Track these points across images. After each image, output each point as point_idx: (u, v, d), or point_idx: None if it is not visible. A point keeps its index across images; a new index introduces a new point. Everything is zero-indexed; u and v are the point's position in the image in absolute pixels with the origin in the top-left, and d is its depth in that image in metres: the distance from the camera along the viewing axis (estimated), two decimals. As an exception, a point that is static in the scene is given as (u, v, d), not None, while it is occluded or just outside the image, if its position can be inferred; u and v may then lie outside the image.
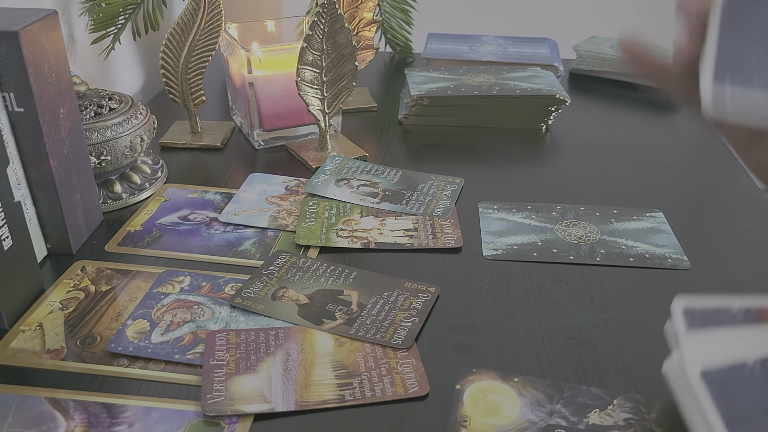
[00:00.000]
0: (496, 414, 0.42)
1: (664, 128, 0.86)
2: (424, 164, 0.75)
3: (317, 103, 0.72)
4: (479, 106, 0.84)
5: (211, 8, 0.72)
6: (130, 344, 0.48)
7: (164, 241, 0.60)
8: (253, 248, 0.59)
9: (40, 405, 0.43)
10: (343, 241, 0.60)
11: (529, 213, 0.65)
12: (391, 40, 1.07)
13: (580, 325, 0.51)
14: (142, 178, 0.68)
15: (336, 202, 0.66)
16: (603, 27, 1.68)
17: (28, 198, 0.55)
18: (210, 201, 0.67)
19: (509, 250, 0.59)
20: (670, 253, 0.59)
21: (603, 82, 1.01)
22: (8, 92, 0.50)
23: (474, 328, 0.50)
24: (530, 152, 0.78)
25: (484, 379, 0.45)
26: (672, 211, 0.66)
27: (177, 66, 0.75)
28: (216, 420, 0.42)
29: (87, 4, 0.79)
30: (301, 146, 0.77)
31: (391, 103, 0.92)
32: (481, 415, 0.42)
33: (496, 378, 0.45)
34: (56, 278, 0.55)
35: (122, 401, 0.43)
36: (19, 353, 0.47)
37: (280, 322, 0.50)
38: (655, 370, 0.46)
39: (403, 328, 0.49)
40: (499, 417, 0.42)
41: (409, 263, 0.58)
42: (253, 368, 0.46)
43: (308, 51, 0.68)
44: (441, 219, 0.64)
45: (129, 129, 0.64)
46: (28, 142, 0.52)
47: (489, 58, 0.99)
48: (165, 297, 0.53)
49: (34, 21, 0.50)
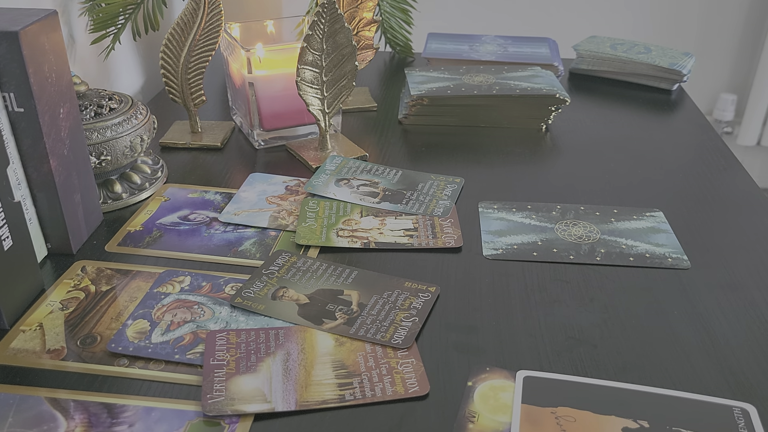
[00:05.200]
0: (506, 412, 0.42)
1: (664, 128, 0.86)
2: (424, 164, 0.75)
3: (317, 103, 0.72)
4: (479, 105, 0.84)
5: (211, 8, 0.72)
6: (131, 344, 0.48)
7: (164, 241, 0.60)
8: (253, 248, 0.59)
9: (40, 405, 0.43)
10: (343, 240, 0.60)
11: (529, 213, 0.65)
12: (391, 39, 1.07)
13: (580, 324, 0.51)
14: (142, 178, 0.68)
15: (336, 201, 0.66)
16: (603, 27, 1.68)
17: (28, 198, 0.55)
18: (210, 201, 0.67)
19: (509, 250, 0.59)
20: (670, 252, 0.59)
21: (603, 81, 1.01)
22: (8, 92, 0.50)
23: (474, 327, 0.50)
24: (530, 152, 0.78)
25: (497, 378, 0.45)
26: (672, 210, 0.66)
27: (177, 66, 0.75)
28: (216, 420, 0.42)
29: (87, 4, 0.79)
30: (301, 146, 0.77)
31: (391, 102, 0.92)
32: (489, 412, 0.42)
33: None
34: (56, 278, 0.55)
35: (122, 401, 0.43)
36: (19, 353, 0.47)
37: (281, 322, 0.50)
38: (655, 370, 0.46)
39: (403, 327, 0.49)
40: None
41: (409, 263, 0.58)
42: (254, 368, 0.46)
43: (308, 51, 0.68)
44: (441, 219, 0.64)
45: (129, 129, 0.64)
46: (28, 142, 0.52)
47: (489, 58, 0.99)
48: (165, 297, 0.53)
49: (34, 21, 0.50)
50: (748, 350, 0.48)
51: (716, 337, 0.49)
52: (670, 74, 0.96)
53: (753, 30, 1.74)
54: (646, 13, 1.71)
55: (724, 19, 1.72)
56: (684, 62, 0.96)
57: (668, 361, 0.47)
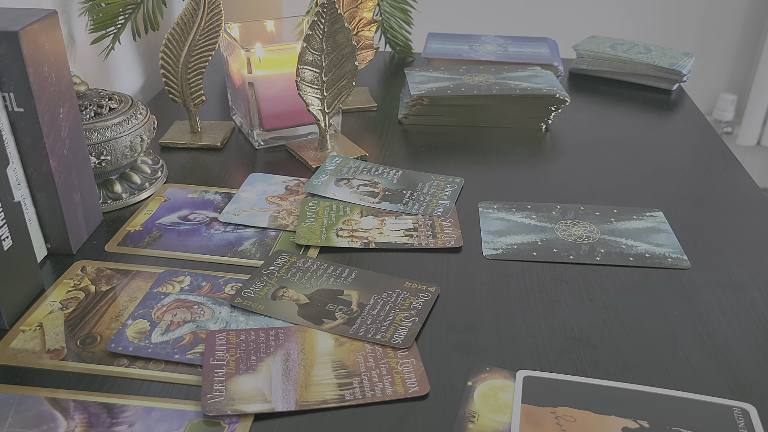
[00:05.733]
0: (506, 412, 0.42)
1: (664, 128, 0.86)
2: (424, 164, 0.75)
3: (317, 103, 0.72)
4: (479, 105, 0.84)
5: (211, 8, 0.72)
6: (130, 344, 0.48)
7: (164, 241, 0.60)
8: (253, 248, 0.59)
9: (40, 405, 0.43)
10: (343, 240, 0.60)
11: (529, 213, 0.65)
12: (391, 39, 1.07)
13: (580, 324, 0.51)
14: (142, 178, 0.68)
15: (336, 201, 0.66)
16: (603, 27, 1.68)
17: (28, 198, 0.55)
18: (210, 201, 0.67)
19: (509, 250, 0.59)
20: (670, 252, 0.59)
21: (603, 81, 1.01)
22: (8, 92, 0.50)
23: (474, 327, 0.50)
24: (530, 152, 0.78)
25: (497, 378, 0.45)
26: (672, 210, 0.66)
27: (177, 66, 0.75)
28: (216, 420, 0.42)
29: (87, 4, 0.79)
30: (301, 146, 0.77)
31: (391, 102, 0.92)
32: (489, 412, 0.42)
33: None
34: (56, 278, 0.55)
35: (122, 401, 0.43)
36: (19, 353, 0.47)
37: (280, 322, 0.50)
38: (655, 370, 0.46)
39: (403, 327, 0.49)
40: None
41: (409, 263, 0.58)
42: (253, 368, 0.46)
43: (308, 51, 0.68)
44: (441, 219, 0.64)
45: (129, 129, 0.64)
46: (28, 142, 0.52)
47: (489, 58, 0.99)
48: (165, 297, 0.53)
49: (34, 21, 0.50)
50: (748, 350, 0.48)
51: (716, 337, 0.49)
52: (670, 74, 0.96)
53: (753, 30, 1.74)
54: (646, 13, 1.71)
55: (724, 19, 1.72)
56: (684, 62, 0.96)
57: (668, 361, 0.47)
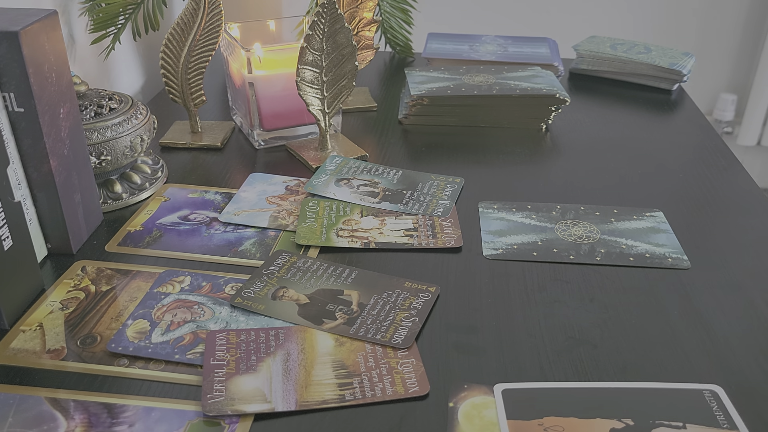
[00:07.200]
0: (493, 431, 0.41)
1: (664, 128, 0.86)
2: (424, 164, 0.75)
3: (317, 103, 0.72)
4: (479, 105, 0.84)
5: (211, 8, 0.72)
6: (131, 344, 0.48)
7: (164, 241, 0.60)
8: (253, 248, 0.59)
9: (40, 405, 0.43)
10: (343, 240, 0.60)
11: (529, 213, 0.65)
12: (391, 39, 1.07)
13: (580, 324, 0.51)
14: (142, 178, 0.68)
15: (336, 201, 0.66)
16: (603, 27, 1.68)
17: (28, 198, 0.55)
18: (210, 201, 0.67)
19: (509, 250, 0.59)
20: (670, 252, 0.59)
21: (603, 81, 1.01)
22: (8, 92, 0.50)
23: (474, 327, 0.50)
24: (530, 152, 0.78)
25: (476, 395, 0.44)
26: (672, 210, 0.66)
27: (177, 66, 0.75)
28: (216, 420, 0.42)
29: (87, 4, 0.79)
30: (301, 146, 0.77)
31: (391, 102, 0.92)
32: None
33: (488, 393, 0.44)
34: (56, 278, 0.55)
35: (122, 401, 0.43)
36: (19, 353, 0.47)
37: (281, 322, 0.50)
38: (655, 370, 0.46)
39: (403, 327, 0.49)
40: None
41: (409, 263, 0.58)
42: (254, 368, 0.46)
43: (308, 51, 0.68)
44: (441, 219, 0.64)
45: (129, 129, 0.64)
46: (28, 142, 0.52)
47: (489, 58, 0.99)
48: (165, 297, 0.53)
49: (34, 21, 0.50)
50: (748, 350, 0.48)
51: (716, 337, 0.49)
52: (670, 74, 0.96)
53: (753, 30, 1.74)
54: (646, 13, 1.71)
55: (724, 19, 1.72)
56: (684, 62, 0.96)
57: (668, 361, 0.47)
